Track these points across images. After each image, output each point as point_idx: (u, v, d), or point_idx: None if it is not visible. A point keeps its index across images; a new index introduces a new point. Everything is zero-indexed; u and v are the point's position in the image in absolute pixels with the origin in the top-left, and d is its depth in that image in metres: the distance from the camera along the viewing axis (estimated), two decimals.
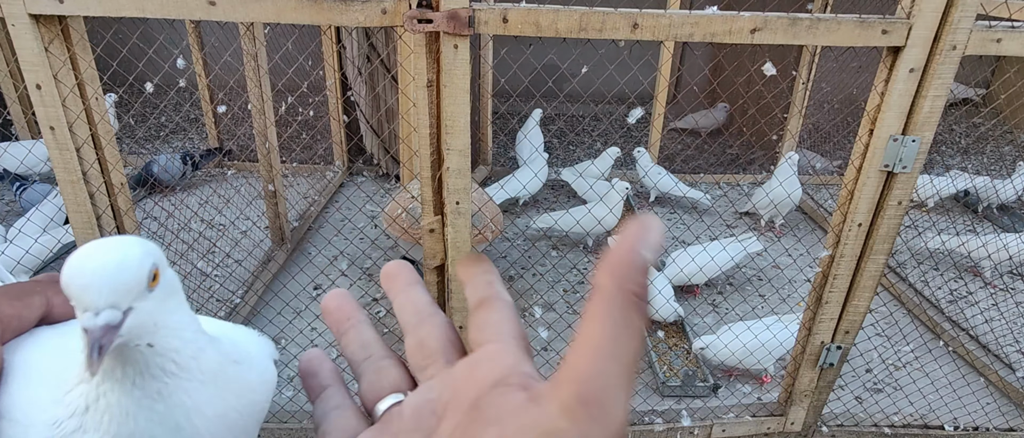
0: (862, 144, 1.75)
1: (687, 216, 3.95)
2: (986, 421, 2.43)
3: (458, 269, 0.40)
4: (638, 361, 0.30)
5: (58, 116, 1.59)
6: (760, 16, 1.53)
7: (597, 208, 3.34)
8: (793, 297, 3.20)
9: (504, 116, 5.05)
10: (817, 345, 2.08)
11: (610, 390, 0.28)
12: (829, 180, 4.36)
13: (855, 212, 1.80)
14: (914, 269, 3.36)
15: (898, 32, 1.56)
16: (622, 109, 4.90)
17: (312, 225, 3.71)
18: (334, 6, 1.47)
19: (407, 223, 2.78)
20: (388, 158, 4.24)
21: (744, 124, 4.79)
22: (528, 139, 4.18)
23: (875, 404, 2.56)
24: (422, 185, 1.72)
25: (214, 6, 1.45)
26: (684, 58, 5.81)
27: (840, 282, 1.93)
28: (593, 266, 3.31)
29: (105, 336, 0.34)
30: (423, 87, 1.57)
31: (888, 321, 2.91)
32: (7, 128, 3.99)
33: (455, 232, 1.76)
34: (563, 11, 1.49)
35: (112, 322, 0.35)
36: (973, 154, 5.13)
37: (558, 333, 2.81)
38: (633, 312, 0.29)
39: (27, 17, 1.47)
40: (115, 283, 0.35)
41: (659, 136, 4.25)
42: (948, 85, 1.61)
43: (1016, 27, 1.58)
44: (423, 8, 1.47)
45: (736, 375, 2.66)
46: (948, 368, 2.60)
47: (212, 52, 3.83)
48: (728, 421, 2.33)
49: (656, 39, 1.53)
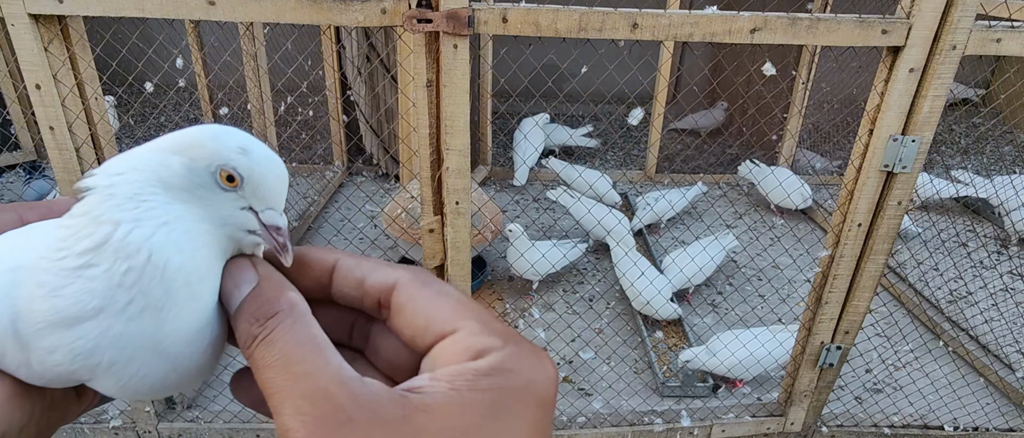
0: (862, 144, 1.75)
1: (687, 217, 3.95)
2: (986, 421, 2.43)
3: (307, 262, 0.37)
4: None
5: (57, 116, 1.59)
6: (760, 16, 1.53)
7: (602, 214, 3.33)
8: (793, 297, 3.20)
9: (504, 116, 5.05)
10: (817, 345, 2.08)
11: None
12: (829, 180, 4.36)
13: (855, 212, 1.80)
14: (914, 269, 3.36)
15: (898, 32, 1.56)
16: (622, 109, 4.90)
17: (312, 225, 3.71)
18: (334, 6, 1.47)
19: (407, 223, 2.78)
20: (388, 158, 4.24)
21: (744, 124, 4.79)
22: (528, 139, 4.18)
23: (875, 404, 2.56)
24: (422, 185, 1.72)
25: (214, 6, 1.45)
26: (684, 58, 5.81)
27: (840, 282, 1.93)
28: (592, 267, 3.29)
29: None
30: (423, 87, 1.57)
31: (888, 321, 2.91)
32: (7, 128, 3.99)
33: (455, 232, 1.75)
34: (563, 11, 1.49)
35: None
36: (973, 154, 5.13)
37: (558, 333, 2.81)
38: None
39: (27, 17, 1.47)
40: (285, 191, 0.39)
41: (659, 136, 4.25)
42: (948, 85, 1.61)
43: (1016, 27, 1.58)
44: (423, 8, 1.46)
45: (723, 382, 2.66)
46: (948, 368, 2.60)
47: (212, 52, 3.82)
48: (728, 421, 2.32)
49: (656, 39, 1.53)
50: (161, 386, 0.37)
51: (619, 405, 2.47)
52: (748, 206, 4.20)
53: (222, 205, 0.38)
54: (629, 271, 2.88)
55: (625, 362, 2.74)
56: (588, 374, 2.67)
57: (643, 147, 4.79)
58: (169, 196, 0.36)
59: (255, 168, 0.38)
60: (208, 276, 0.37)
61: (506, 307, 3.10)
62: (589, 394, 2.57)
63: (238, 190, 0.38)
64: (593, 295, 3.21)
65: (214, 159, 0.37)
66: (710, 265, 3.08)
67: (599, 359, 2.74)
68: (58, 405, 0.39)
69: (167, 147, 0.37)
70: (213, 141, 0.37)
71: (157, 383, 0.37)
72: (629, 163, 4.82)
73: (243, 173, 0.37)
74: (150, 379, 0.37)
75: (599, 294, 3.21)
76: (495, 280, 3.29)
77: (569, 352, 2.79)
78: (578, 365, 2.73)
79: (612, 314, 3.08)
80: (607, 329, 2.95)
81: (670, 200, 3.68)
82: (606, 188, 3.75)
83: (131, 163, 0.37)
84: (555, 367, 0.30)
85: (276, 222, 0.38)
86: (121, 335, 0.34)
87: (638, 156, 4.91)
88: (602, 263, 3.31)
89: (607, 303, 3.15)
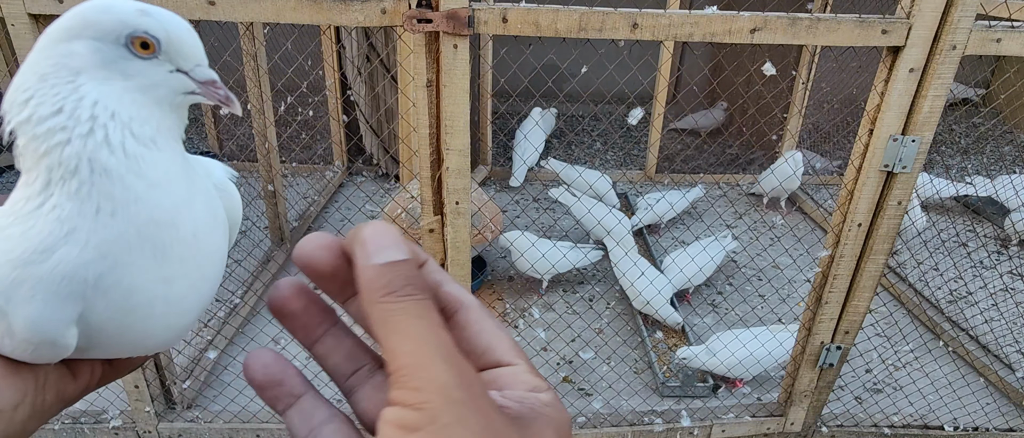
0: (862, 144, 1.75)
1: (687, 217, 3.95)
2: (986, 421, 2.43)
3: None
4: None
5: None
6: (760, 16, 1.53)
7: (602, 215, 3.33)
8: (793, 297, 3.20)
9: (504, 116, 5.05)
10: (817, 345, 2.08)
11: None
12: (829, 180, 4.36)
13: (855, 212, 1.80)
14: (914, 269, 3.36)
15: (898, 32, 1.56)
16: (622, 109, 4.90)
17: (312, 225, 3.71)
18: (334, 6, 1.47)
19: (407, 223, 2.78)
20: (388, 158, 4.24)
21: (744, 124, 4.79)
22: (528, 139, 4.18)
23: (875, 404, 2.56)
24: (421, 185, 1.72)
25: (214, 6, 1.45)
26: (684, 58, 5.81)
27: (840, 282, 1.93)
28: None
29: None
30: (423, 87, 1.57)
31: (888, 321, 2.91)
32: None
33: (454, 232, 1.75)
34: (563, 11, 1.49)
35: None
36: (973, 154, 5.13)
37: (557, 333, 2.81)
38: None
39: (27, 17, 1.47)
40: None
41: (659, 136, 4.25)
42: (948, 85, 1.61)
43: (1016, 27, 1.58)
44: (422, 8, 1.46)
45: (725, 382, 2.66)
46: (948, 368, 2.60)
47: (211, 52, 3.81)
48: (728, 421, 2.32)
49: (656, 39, 1.53)
50: (158, 302, 0.36)
51: (619, 405, 2.47)
52: (748, 206, 4.20)
53: (146, 73, 0.36)
54: (629, 271, 2.88)
55: (625, 362, 2.74)
56: (588, 374, 2.67)
57: (643, 147, 4.79)
58: (89, 86, 0.35)
59: (168, 27, 0.37)
60: (161, 149, 0.36)
61: (506, 307, 3.10)
62: (589, 394, 2.57)
63: (157, 55, 0.37)
64: (593, 295, 3.21)
65: (120, 28, 0.35)
66: (710, 265, 3.08)
67: (599, 359, 2.74)
68: (52, 384, 0.38)
69: (58, 37, 0.35)
70: (107, 12, 0.35)
71: (153, 297, 0.36)
72: (629, 163, 4.82)
73: (158, 35, 0.36)
74: (143, 292, 0.35)
75: (599, 294, 3.21)
76: (495, 280, 3.29)
77: (569, 352, 2.79)
78: (578, 365, 2.73)
79: (612, 314, 3.08)
80: (607, 329, 2.95)
81: (670, 201, 3.68)
82: (606, 188, 3.74)
83: (30, 78, 0.35)
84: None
85: (211, 76, 0.38)
86: (102, 242, 0.34)
87: (638, 156, 4.92)
88: (602, 263, 3.31)
89: (607, 303, 3.15)
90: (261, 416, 2.27)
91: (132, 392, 2.13)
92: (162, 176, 0.36)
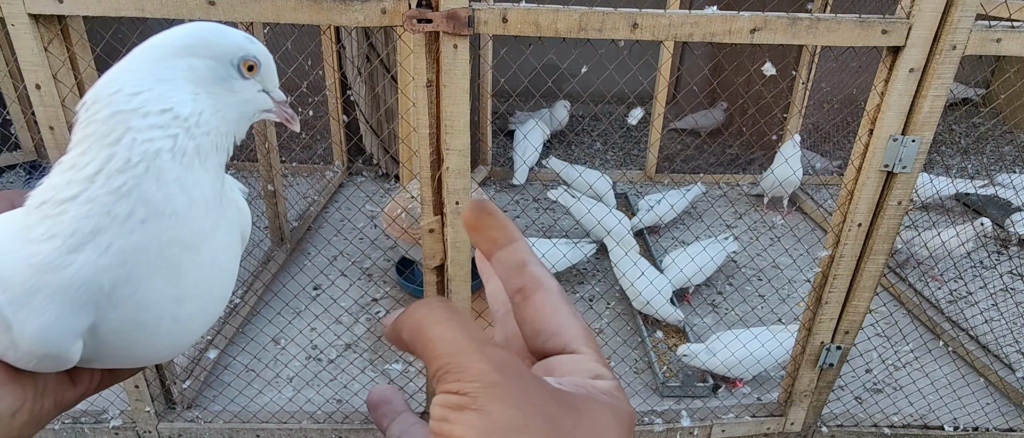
0: (862, 144, 1.75)
1: (687, 217, 3.95)
2: (986, 421, 2.43)
3: (468, 219, 0.37)
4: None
5: (57, 116, 1.59)
6: (760, 16, 1.53)
7: (602, 214, 3.33)
8: (793, 297, 3.20)
9: (504, 116, 5.05)
10: (817, 345, 2.08)
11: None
12: (829, 180, 4.36)
13: (855, 212, 1.80)
14: (914, 269, 3.36)
15: (898, 32, 1.56)
16: (622, 109, 4.91)
17: (312, 225, 3.71)
18: (334, 6, 1.47)
19: (406, 223, 2.78)
20: (388, 158, 4.24)
21: (744, 124, 4.79)
22: (528, 139, 4.18)
23: (875, 404, 2.56)
24: (422, 185, 1.72)
25: (214, 6, 1.45)
26: (684, 58, 5.81)
27: (840, 282, 1.93)
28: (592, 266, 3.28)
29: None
30: (423, 87, 1.57)
31: (888, 321, 2.91)
32: (7, 128, 3.99)
33: (455, 232, 1.75)
34: (563, 11, 1.49)
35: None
36: (973, 154, 5.13)
37: None
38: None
39: (27, 17, 1.47)
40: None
41: (659, 136, 4.25)
42: (948, 85, 1.61)
43: (1016, 27, 1.58)
44: (422, 8, 1.46)
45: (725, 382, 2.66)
46: (948, 368, 2.60)
47: None
48: (728, 421, 2.32)
49: (656, 39, 1.53)
50: (166, 319, 0.37)
51: None
52: (748, 206, 4.20)
53: (246, 90, 0.41)
54: (629, 271, 2.88)
55: (625, 362, 2.74)
56: None
57: (643, 147, 4.79)
58: (202, 97, 0.39)
59: (265, 53, 0.42)
60: (208, 169, 0.38)
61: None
62: None
63: (256, 76, 0.42)
64: (593, 295, 3.21)
65: (236, 51, 0.40)
66: (710, 265, 3.08)
67: None
68: (51, 390, 0.38)
69: (176, 52, 0.38)
70: (224, 37, 0.40)
71: (162, 314, 0.36)
72: (629, 163, 4.82)
73: (261, 59, 0.42)
74: (154, 308, 0.36)
75: (599, 294, 3.21)
76: None
77: None
78: None
79: (612, 314, 3.08)
80: (607, 329, 2.95)
81: (670, 201, 3.68)
82: (606, 188, 3.74)
83: (147, 79, 0.37)
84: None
85: (283, 97, 0.45)
86: (123, 248, 0.34)
87: (638, 156, 4.92)
88: (602, 263, 3.31)
89: (607, 303, 3.15)
90: (261, 416, 2.27)
91: (132, 392, 2.13)
92: (200, 196, 0.37)
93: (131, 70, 0.37)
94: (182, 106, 0.37)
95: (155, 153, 0.35)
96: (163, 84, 0.37)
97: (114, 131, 0.35)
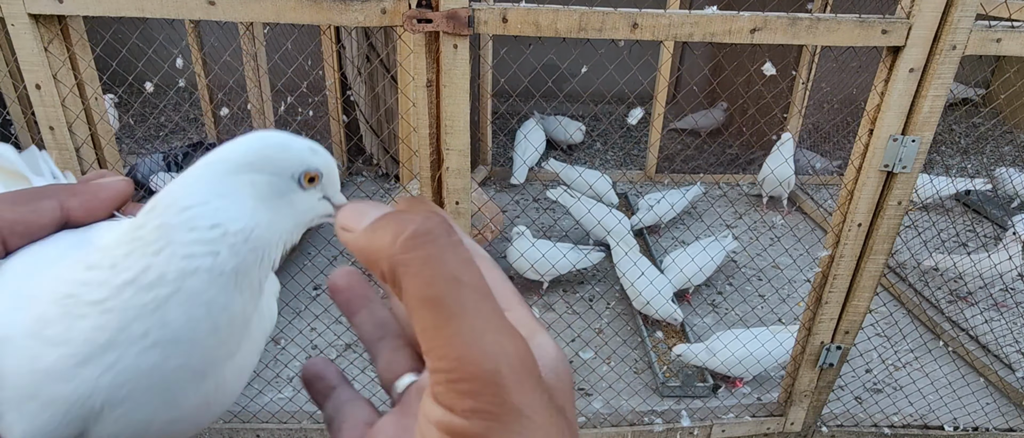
0: (862, 144, 1.75)
1: (687, 217, 3.95)
2: (986, 421, 2.43)
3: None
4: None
5: (57, 116, 1.59)
6: (760, 16, 1.53)
7: (602, 214, 3.33)
8: (793, 297, 3.20)
9: (504, 116, 5.05)
10: (817, 345, 2.08)
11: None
12: (829, 180, 4.36)
13: (855, 212, 1.80)
14: (914, 269, 3.36)
15: (898, 32, 1.56)
16: (622, 109, 4.90)
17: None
18: (334, 6, 1.47)
19: None
20: (388, 158, 4.24)
21: (744, 124, 4.79)
22: (528, 139, 4.18)
23: (875, 404, 2.56)
24: (421, 185, 1.72)
25: (213, 6, 1.45)
26: (684, 58, 5.81)
27: (840, 282, 1.93)
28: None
29: None
30: (422, 87, 1.57)
31: (888, 321, 2.91)
32: (7, 128, 3.98)
33: None
34: (563, 11, 1.49)
35: None
36: (973, 154, 5.13)
37: (558, 333, 2.81)
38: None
39: (27, 17, 1.47)
40: None
41: (659, 136, 4.25)
42: (948, 85, 1.61)
43: (1016, 27, 1.58)
44: (422, 8, 1.46)
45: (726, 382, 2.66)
46: (948, 368, 2.60)
47: (211, 52, 3.82)
48: (728, 421, 2.32)
49: (656, 39, 1.53)
50: (154, 432, 0.36)
51: (619, 405, 2.47)
52: (748, 206, 4.20)
53: (307, 201, 0.40)
54: (629, 271, 2.88)
55: (625, 362, 2.74)
56: (588, 374, 2.67)
57: (643, 147, 4.79)
58: (261, 211, 0.37)
59: (328, 163, 0.41)
60: (243, 291, 0.36)
61: None
62: (589, 394, 2.57)
63: (317, 185, 0.41)
64: (593, 295, 3.21)
65: (298, 166, 0.39)
66: (710, 265, 3.08)
67: (599, 359, 2.74)
68: None
69: (238, 169, 0.37)
70: (287, 150, 0.39)
71: (151, 429, 0.36)
72: (629, 163, 4.82)
73: (323, 170, 0.41)
74: (143, 425, 0.35)
75: (599, 294, 3.21)
76: None
77: (569, 352, 2.79)
78: (578, 365, 2.73)
79: (612, 314, 3.08)
80: (607, 329, 2.95)
81: (670, 201, 3.68)
82: (606, 188, 3.74)
83: (207, 193, 0.35)
84: None
85: (343, 199, 0.43)
86: (125, 369, 0.33)
87: (638, 156, 4.92)
88: (602, 263, 3.31)
89: (607, 303, 3.15)
90: (261, 416, 2.27)
91: None
92: (227, 322, 0.35)
93: (189, 184, 0.36)
94: (234, 222, 0.35)
95: (192, 271, 0.33)
96: (220, 199, 0.35)
97: (158, 242, 0.34)
